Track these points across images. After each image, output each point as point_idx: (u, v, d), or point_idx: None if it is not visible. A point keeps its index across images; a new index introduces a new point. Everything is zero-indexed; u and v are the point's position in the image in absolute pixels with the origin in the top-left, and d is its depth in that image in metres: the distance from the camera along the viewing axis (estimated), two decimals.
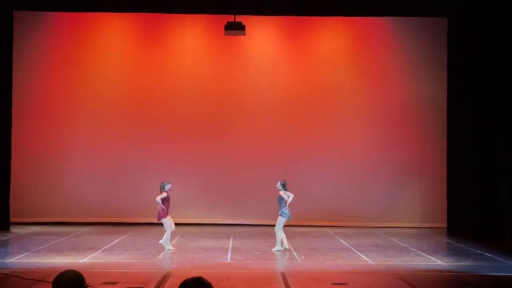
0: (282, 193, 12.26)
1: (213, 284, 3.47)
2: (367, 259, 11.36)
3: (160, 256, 11.50)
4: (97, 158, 16.70)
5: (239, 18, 15.35)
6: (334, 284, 8.87)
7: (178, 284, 3.41)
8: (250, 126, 16.97)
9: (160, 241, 12.23)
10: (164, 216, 12.27)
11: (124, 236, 14.10)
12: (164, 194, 12.30)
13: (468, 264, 10.93)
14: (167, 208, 12.33)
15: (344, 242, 13.57)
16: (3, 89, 15.19)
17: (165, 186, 12.41)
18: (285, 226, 16.08)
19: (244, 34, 15.49)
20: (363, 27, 17.05)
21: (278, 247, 12.20)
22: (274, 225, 16.13)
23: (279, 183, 12.43)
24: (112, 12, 16.37)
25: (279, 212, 12.36)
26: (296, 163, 16.78)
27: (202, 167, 16.85)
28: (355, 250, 12.37)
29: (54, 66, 16.77)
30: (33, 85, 16.63)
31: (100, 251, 11.93)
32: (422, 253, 12.04)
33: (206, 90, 16.99)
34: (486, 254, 11.96)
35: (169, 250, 12.07)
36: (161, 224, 12.24)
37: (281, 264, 10.96)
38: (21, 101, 16.21)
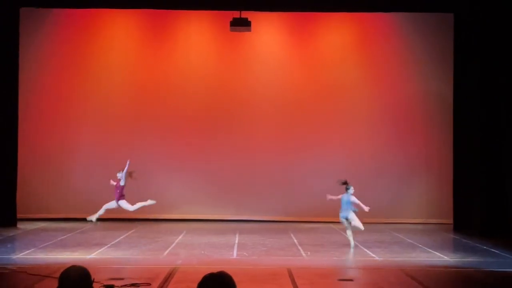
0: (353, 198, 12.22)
1: None
2: (373, 255, 11.36)
3: (167, 252, 11.52)
4: (103, 154, 16.71)
5: (245, 14, 15.34)
6: (340, 280, 8.87)
7: (185, 280, 3.42)
8: (255, 122, 16.97)
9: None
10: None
11: (130, 232, 14.13)
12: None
13: (475, 260, 10.92)
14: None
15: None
16: (9, 86, 15.22)
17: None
18: (291, 222, 16.17)
19: (249, 30, 15.48)
20: (369, 23, 17.01)
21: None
22: (279, 221, 16.23)
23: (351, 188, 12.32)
24: (117, 9, 16.40)
25: (353, 210, 12.22)
26: (301, 159, 16.78)
27: (208, 163, 16.87)
28: (361, 246, 12.36)
29: (60, 63, 16.80)
30: (40, 82, 16.67)
31: (106, 247, 11.96)
32: (428, 249, 12.03)
33: (211, 86, 17.00)
34: (493, 250, 11.95)
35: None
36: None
37: (287, 260, 10.94)
38: (28, 98, 16.25)
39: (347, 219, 12.16)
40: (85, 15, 16.67)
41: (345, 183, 12.36)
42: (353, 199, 12.21)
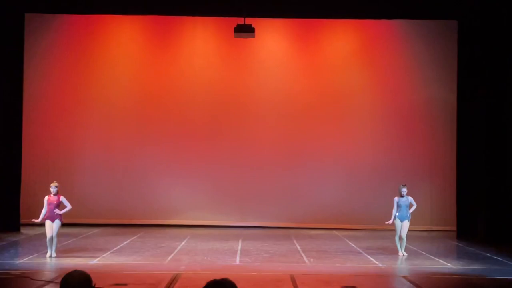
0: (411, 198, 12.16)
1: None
2: (376, 262, 11.34)
3: (170, 257, 11.52)
4: (107, 160, 16.76)
5: (249, 21, 15.36)
6: (343, 286, 8.86)
7: (188, 286, 3.43)
8: (259, 128, 16.99)
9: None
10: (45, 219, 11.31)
11: (133, 238, 14.14)
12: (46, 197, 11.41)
13: (478, 267, 10.89)
14: (48, 211, 11.39)
15: (353, 245, 13.56)
16: (14, 91, 15.30)
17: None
18: (294, 228, 16.17)
19: (253, 37, 15.48)
20: (373, 30, 17.03)
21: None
22: (282, 227, 16.23)
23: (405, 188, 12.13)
24: (122, 15, 16.45)
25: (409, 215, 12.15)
26: (305, 165, 16.78)
27: (212, 169, 16.88)
28: (364, 253, 12.36)
29: (64, 68, 16.85)
30: (44, 87, 16.72)
31: (109, 252, 11.97)
32: (432, 256, 12.01)
33: (215, 92, 17.03)
34: (496, 257, 11.92)
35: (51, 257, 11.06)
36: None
37: (290, 266, 10.93)
38: (32, 103, 16.31)
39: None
40: (90, 21, 16.73)
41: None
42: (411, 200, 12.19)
